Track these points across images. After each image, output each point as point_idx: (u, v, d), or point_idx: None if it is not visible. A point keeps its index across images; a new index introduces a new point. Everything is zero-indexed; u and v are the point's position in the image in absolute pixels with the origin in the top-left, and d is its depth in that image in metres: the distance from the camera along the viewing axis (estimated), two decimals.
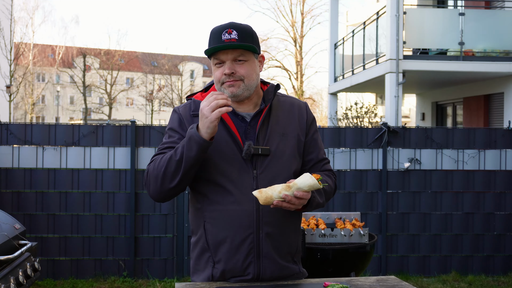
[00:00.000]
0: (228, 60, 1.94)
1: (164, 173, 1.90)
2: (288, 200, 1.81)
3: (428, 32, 10.41)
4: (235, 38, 1.92)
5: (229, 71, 1.93)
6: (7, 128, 5.49)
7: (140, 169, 5.61)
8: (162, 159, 1.93)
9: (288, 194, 1.81)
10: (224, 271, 1.99)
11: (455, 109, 13.30)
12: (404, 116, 23.22)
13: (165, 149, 2.00)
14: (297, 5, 35.20)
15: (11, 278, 2.91)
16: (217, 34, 1.94)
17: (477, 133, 5.94)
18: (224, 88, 1.96)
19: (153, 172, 1.94)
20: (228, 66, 1.94)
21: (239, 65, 1.95)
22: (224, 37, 1.92)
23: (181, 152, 1.87)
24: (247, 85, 1.97)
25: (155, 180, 1.93)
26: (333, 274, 3.74)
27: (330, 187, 2.08)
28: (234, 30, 1.93)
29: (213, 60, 1.98)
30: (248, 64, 1.97)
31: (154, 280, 5.52)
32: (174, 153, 1.89)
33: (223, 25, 1.96)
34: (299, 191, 1.81)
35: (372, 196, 5.84)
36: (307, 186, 1.81)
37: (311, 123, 2.13)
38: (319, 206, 2.02)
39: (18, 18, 32.71)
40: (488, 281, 5.64)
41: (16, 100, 33.82)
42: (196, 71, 55.27)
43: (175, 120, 2.05)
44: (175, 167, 1.88)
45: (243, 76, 1.95)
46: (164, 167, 1.90)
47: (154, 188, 1.94)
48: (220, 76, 1.96)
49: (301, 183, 1.82)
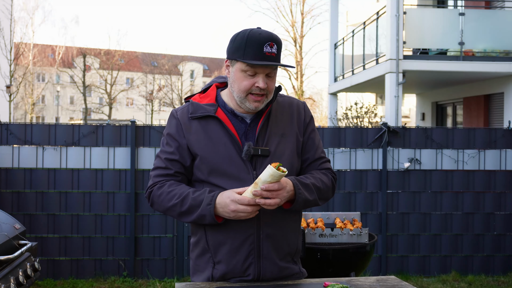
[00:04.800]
0: (263, 73, 1.93)
1: (168, 209, 1.98)
2: (258, 195, 1.82)
3: (428, 32, 10.40)
4: (274, 53, 1.91)
5: (264, 85, 1.92)
6: (7, 128, 5.49)
7: (140, 169, 5.61)
8: (168, 194, 1.97)
9: (257, 190, 1.82)
10: (224, 272, 1.99)
11: (455, 109, 13.29)
12: (404, 116, 23.23)
13: (165, 161, 2.02)
14: (297, 5, 35.23)
15: (11, 278, 2.91)
16: (259, 45, 1.89)
17: (477, 133, 5.94)
18: (247, 100, 1.95)
19: (157, 199, 2.00)
20: (263, 80, 1.92)
21: (269, 80, 1.95)
22: (266, 50, 1.89)
23: (188, 208, 1.93)
24: (268, 98, 1.98)
25: (158, 207, 2.02)
26: (333, 274, 3.74)
27: (324, 184, 2.04)
28: (275, 44, 1.91)
29: (244, 67, 1.92)
30: (275, 79, 1.98)
31: (154, 280, 5.52)
32: (181, 203, 1.94)
33: (265, 36, 1.90)
34: (265, 184, 1.81)
35: (372, 196, 5.84)
36: (269, 176, 1.81)
37: (309, 122, 2.13)
38: (309, 203, 1.98)
39: (18, 18, 32.76)
40: (488, 281, 5.64)
41: (16, 100, 33.83)
42: (196, 71, 55.25)
43: (173, 126, 2.04)
44: (179, 214, 1.96)
45: (269, 91, 1.96)
46: (169, 206, 1.97)
47: (158, 210, 2.04)
48: (250, 87, 1.93)
49: (263, 176, 1.82)
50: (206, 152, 1.97)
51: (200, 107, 2.03)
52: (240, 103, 1.98)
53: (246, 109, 1.99)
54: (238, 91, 1.96)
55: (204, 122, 2.00)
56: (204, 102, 2.05)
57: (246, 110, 2.00)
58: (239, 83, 1.94)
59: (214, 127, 1.99)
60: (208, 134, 1.99)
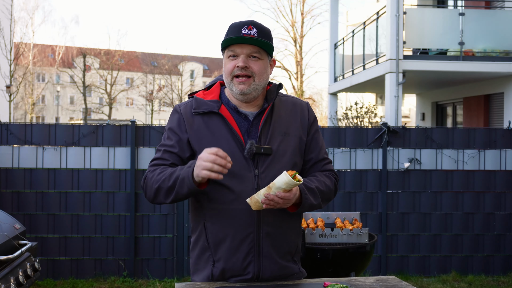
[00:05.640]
0: (243, 54, 1.95)
1: (157, 189, 1.95)
2: (270, 198, 1.82)
3: (428, 32, 10.40)
4: (254, 35, 1.93)
5: (243, 64, 1.94)
6: (7, 128, 5.49)
7: (140, 169, 5.60)
8: (158, 175, 1.95)
9: (270, 194, 1.83)
10: (224, 270, 1.98)
11: (455, 109, 13.29)
12: (404, 116, 23.20)
13: (164, 153, 2.02)
14: (297, 5, 35.21)
15: (11, 278, 2.91)
16: (237, 28, 1.95)
17: (477, 133, 5.94)
18: (233, 84, 1.97)
19: (149, 182, 1.99)
20: (242, 59, 1.94)
21: (253, 61, 1.96)
22: (244, 32, 1.93)
23: (173, 181, 1.90)
24: (257, 83, 1.97)
25: (150, 190, 1.99)
26: (333, 274, 3.74)
27: (327, 188, 2.06)
28: (254, 28, 1.95)
29: (227, 52, 1.98)
30: (262, 63, 1.98)
31: (154, 280, 5.52)
32: (168, 177, 1.92)
33: (244, 21, 1.97)
34: (280, 192, 1.82)
35: (372, 196, 5.84)
36: (284, 183, 1.82)
37: (312, 123, 2.13)
38: (314, 207, 2.00)
39: (18, 18, 32.75)
40: (488, 281, 5.64)
41: (16, 100, 33.82)
42: (196, 71, 55.24)
43: (175, 121, 2.05)
44: (166, 191, 1.93)
45: (255, 73, 1.96)
46: (157, 185, 1.95)
47: (149, 196, 2.01)
48: (232, 69, 1.96)
49: (278, 182, 1.83)
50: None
51: (203, 103, 2.03)
52: (230, 90, 2.00)
53: (236, 97, 2.00)
54: (225, 76, 2.00)
55: (207, 118, 2.01)
56: (208, 99, 2.05)
57: (237, 97, 2.00)
58: (225, 68, 2.00)
59: (217, 123, 1.99)
60: (211, 130, 1.99)
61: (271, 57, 2.04)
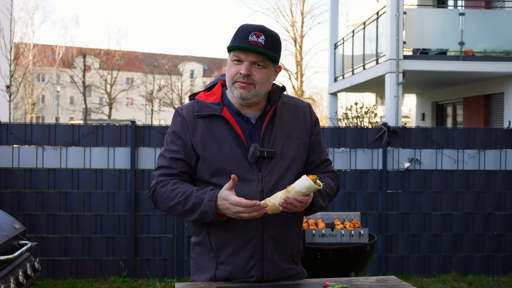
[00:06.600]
0: (247, 61, 1.91)
1: (171, 208, 1.95)
2: (289, 202, 1.82)
3: (428, 32, 10.40)
4: (261, 43, 1.90)
5: (245, 72, 1.91)
6: (7, 128, 5.49)
7: (140, 169, 5.60)
8: (171, 192, 1.93)
9: (289, 197, 1.83)
10: (227, 273, 1.98)
11: (455, 109, 13.29)
12: (404, 116, 23.21)
13: (170, 160, 1.98)
14: (297, 5, 35.29)
15: (11, 278, 2.90)
16: (245, 33, 1.91)
17: (477, 133, 5.94)
18: (234, 87, 1.95)
19: (160, 197, 1.97)
20: (245, 67, 1.91)
21: (257, 69, 1.93)
22: (251, 38, 1.89)
23: (191, 207, 1.89)
24: (257, 91, 1.95)
25: (161, 205, 1.98)
26: (333, 274, 3.74)
27: (332, 189, 2.08)
28: (262, 35, 1.90)
29: (232, 55, 1.94)
30: (265, 71, 1.95)
31: (154, 280, 5.52)
32: (183, 201, 1.90)
33: (254, 26, 1.92)
34: (299, 196, 1.82)
35: (372, 196, 5.84)
36: (305, 188, 1.82)
37: (315, 125, 2.12)
38: (322, 209, 2.02)
39: (18, 18, 32.76)
40: (488, 281, 5.64)
41: (16, 100, 33.83)
42: (196, 71, 55.23)
43: (178, 124, 2.01)
44: (182, 213, 1.93)
45: (256, 81, 1.93)
46: (171, 204, 1.94)
47: (160, 209, 2.02)
48: (235, 74, 1.93)
49: (298, 186, 1.82)
50: (210, 152, 1.95)
51: (205, 105, 2.00)
52: (231, 93, 1.98)
53: (237, 100, 1.98)
54: (227, 79, 1.97)
55: (209, 121, 1.98)
56: (209, 101, 2.02)
57: (238, 101, 1.98)
58: (228, 71, 1.97)
59: (220, 126, 1.97)
60: (213, 134, 1.96)
61: (277, 64, 2.01)
